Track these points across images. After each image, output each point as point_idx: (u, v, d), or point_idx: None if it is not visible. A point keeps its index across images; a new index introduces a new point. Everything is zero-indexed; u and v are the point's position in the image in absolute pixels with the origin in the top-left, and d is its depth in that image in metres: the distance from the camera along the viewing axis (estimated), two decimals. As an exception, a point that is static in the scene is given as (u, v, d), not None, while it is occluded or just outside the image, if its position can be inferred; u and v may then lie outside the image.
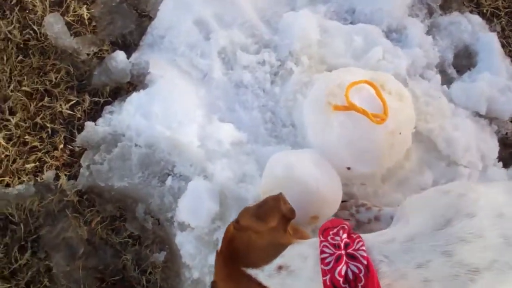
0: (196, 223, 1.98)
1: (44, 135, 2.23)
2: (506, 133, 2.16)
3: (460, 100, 2.14)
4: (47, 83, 2.31)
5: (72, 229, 2.09)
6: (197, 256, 1.98)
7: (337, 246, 1.30)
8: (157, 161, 2.14)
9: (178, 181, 2.10)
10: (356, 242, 1.31)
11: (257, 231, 1.42)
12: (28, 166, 2.18)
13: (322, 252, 1.30)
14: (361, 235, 1.36)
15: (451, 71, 2.25)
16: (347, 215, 1.89)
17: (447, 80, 2.22)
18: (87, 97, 2.28)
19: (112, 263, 2.06)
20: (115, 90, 2.31)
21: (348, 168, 1.89)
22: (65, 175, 2.16)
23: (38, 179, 2.16)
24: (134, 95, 2.23)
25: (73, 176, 2.17)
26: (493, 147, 2.09)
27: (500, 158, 2.09)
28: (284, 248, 1.37)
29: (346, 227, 1.39)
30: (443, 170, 2.03)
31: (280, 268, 1.32)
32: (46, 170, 2.17)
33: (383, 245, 1.30)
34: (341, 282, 1.24)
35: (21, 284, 2.03)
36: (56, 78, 2.31)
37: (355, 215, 1.89)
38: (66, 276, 2.05)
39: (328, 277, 1.25)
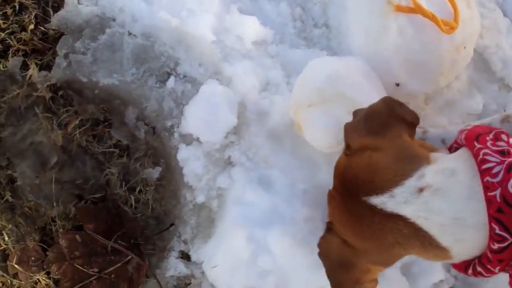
0: (207, 138, 1.63)
1: (9, 11, 1.77)
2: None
3: (515, 14, 1.90)
4: None
5: (43, 132, 1.73)
6: (203, 176, 1.66)
7: (505, 153, 1.03)
8: (156, 56, 1.74)
9: (183, 83, 1.73)
10: None
11: (377, 147, 1.13)
12: (-14, 48, 1.76)
13: (483, 161, 1.04)
14: None
15: (503, -22, 1.97)
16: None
17: (496, -11, 1.96)
18: (65, -35, 1.83)
19: (93, 177, 1.74)
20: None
21: (397, 85, 1.60)
22: (36, 64, 1.75)
23: (0, 66, 1.74)
24: (131, -32, 1.79)
25: (46, 66, 1.76)
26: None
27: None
28: (419, 161, 1.10)
29: (504, 130, 1.12)
30: (494, 94, 1.79)
31: (420, 190, 1.05)
32: (12, 56, 1.74)
33: None
34: None
35: (-25, 198, 1.71)
36: None
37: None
38: (34, 190, 1.73)
39: (497, 191, 0.99)
